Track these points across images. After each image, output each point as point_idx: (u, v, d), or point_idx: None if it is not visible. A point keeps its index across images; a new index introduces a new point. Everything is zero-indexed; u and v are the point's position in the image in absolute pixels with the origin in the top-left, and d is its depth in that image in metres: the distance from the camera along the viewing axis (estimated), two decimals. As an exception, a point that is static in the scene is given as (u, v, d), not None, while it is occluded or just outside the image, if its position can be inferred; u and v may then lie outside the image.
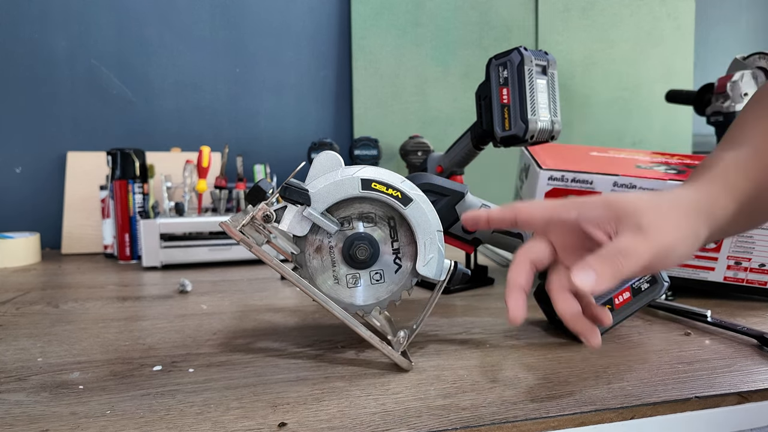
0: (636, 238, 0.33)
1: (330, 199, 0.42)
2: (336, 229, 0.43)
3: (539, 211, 0.39)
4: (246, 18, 1.22)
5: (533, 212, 0.39)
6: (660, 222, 0.34)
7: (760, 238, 0.64)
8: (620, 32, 1.43)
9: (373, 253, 0.44)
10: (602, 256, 0.33)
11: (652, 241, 0.33)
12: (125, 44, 1.15)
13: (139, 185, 0.95)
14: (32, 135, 1.11)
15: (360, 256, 0.44)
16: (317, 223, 0.42)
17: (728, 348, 0.50)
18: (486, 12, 1.34)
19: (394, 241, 0.45)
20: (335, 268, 0.45)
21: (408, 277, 0.45)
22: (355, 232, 0.44)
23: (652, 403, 0.39)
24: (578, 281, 0.33)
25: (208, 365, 0.46)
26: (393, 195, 0.43)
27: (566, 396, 0.40)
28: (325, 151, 0.43)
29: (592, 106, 1.43)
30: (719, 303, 0.65)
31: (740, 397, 0.41)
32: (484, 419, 0.36)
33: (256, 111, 1.25)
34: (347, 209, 0.44)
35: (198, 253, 0.90)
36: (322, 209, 0.42)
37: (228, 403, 0.39)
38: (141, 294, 0.71)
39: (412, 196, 0.43)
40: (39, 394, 0.40)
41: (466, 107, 1.33)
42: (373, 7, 1.27)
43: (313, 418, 0.36)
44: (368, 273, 0.45)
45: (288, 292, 0.73)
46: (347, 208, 0.44)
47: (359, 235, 0.44)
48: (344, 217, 0.44)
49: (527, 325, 0.57)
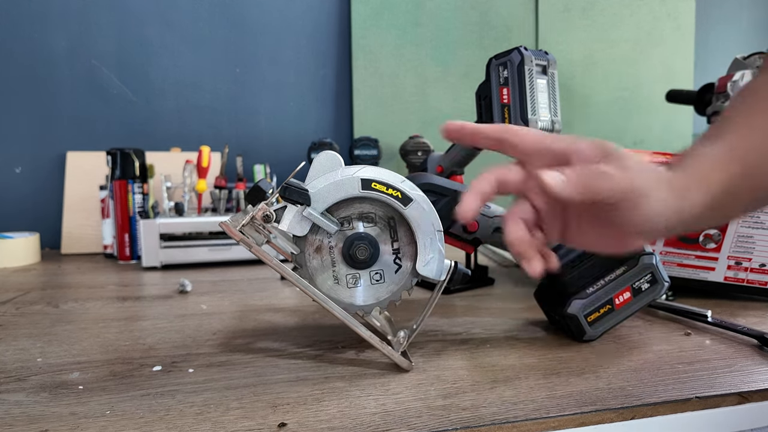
0: (618, 170, 0.34)
1: (330, 199, 0.42)
2: (336, 229, 0.43)
3: (530, 136, 0.38)
4: (246, 17, 1.22)
5: (524, 136, 0.38)
6: (642, 170, 0.35)
7: (760, 239, 0.64)
8: (620, 32, 1.43)
9: (373, 253, 0.44)
10: (580, 169, 0.34)
11: (632, 179, 0.34)
12: (125, 44, 1.15)
13: (139, 185, 0.95)
14: (32, 135, 1.11)
15: (360, 256, 0.44)
16: (317, 223, 0.42)
17: (728, 348, 0.50)
18: (486, 12, 1.34)
19: (394, 241, 0.45)
20: (335, 268, 0.45)
21: (408, 277, 0.45)
22: (355, 232, 0.44)
23: (653, 404, 0.39)
24: (547, 177, 0.33)
25: (208, 365, 0.46)
26: (393, 195, 0.42)
27: (566, 396, 0.40)
28: (325, 151, 0.43)
29: (593, 106, 1.43)
30: (719, 303, 0.65)
31: (740, 398, 0.41)
32: (485, 419, 0.36)
33: (255, 111, 1.25)
34: (347, 209, 0.44)
35: (198, 253, 0.90)
36: (322, 209, 0.42)
37: (228, 403, 0.39)
38: (141, 294, 0.71)
39: (413, 196, 0.43)
40: (39, 395, 0.40)
41: (466, 107, 1.33)
42: (373, 6, 1.26)
43: (313, 419, 0.36)
44: (368, 273, 0.45)
45: (288, 292, 0.73)
46: (347, 207, 0.44)
47: (359, 235, 0.44)
48: (344, 217, 0.44)
49: (527, 324, 0.57)
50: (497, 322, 0.58)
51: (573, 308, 0.51)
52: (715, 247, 0.66)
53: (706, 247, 0.66)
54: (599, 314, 0.51)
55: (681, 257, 0.67)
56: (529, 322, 0.58)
